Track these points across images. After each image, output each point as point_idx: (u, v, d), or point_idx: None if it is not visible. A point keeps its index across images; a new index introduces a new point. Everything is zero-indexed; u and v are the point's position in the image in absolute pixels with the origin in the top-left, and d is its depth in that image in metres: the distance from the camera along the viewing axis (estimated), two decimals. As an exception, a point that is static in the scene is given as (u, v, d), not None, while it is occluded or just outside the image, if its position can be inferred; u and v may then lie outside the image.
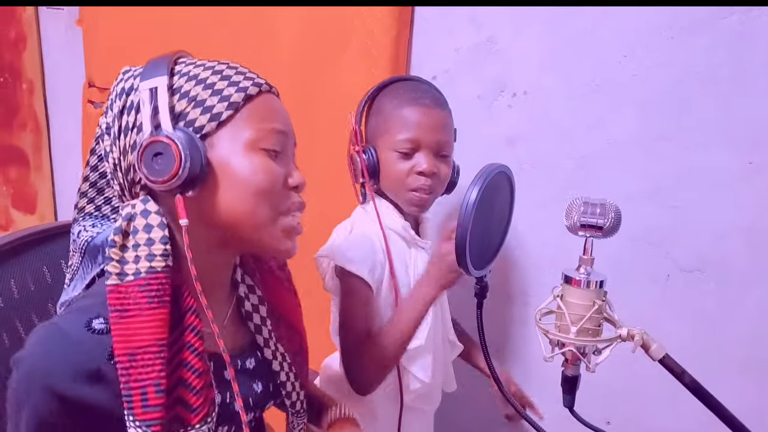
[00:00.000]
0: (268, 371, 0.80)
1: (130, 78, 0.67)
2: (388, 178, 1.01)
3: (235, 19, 1.47)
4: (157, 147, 0.61)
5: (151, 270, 0.61)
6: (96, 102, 1.80)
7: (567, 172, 1.20)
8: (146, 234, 0.62)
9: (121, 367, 0.59)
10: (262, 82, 0.69)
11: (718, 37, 1.03)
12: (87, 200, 0.74)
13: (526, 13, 1.19)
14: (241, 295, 0.78)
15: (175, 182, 0.61)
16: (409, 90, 1.03)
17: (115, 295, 0.60)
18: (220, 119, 0.64)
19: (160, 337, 0.60)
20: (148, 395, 0.59)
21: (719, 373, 1.05)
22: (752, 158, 1.04)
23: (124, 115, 0.65)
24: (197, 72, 0.67)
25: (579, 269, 0.72)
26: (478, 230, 0.88)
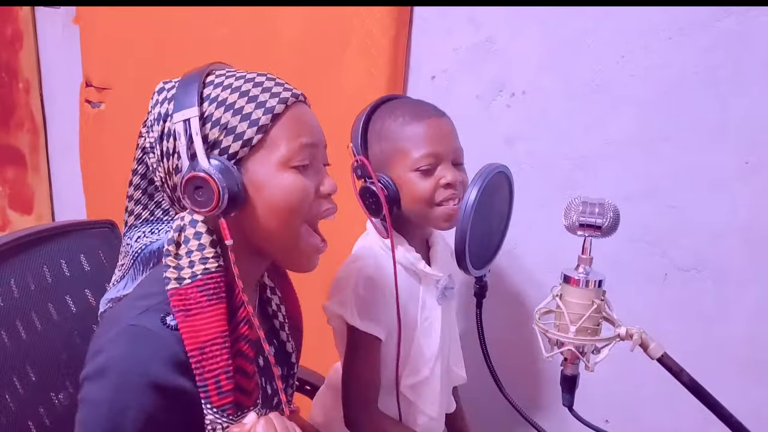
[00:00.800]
0: (284, 356, 0.88)
1: (165, 102, 0.71)
2: (413, 200, 0.95)
3: (235, 18, 1.47)
4: (196, 181, 0.66)
5: (206, 271, 0.68)
6: (93, 101, 1.80)
7: (565, 171, 1.20)
8: (197, 240, 0.69)
9: (194, 360, 0.65)
10: (288, 96, 0.72)
11: (716, 38, 1.03)
12: (141, 207, 0.79)
13: (524, 13, 1.19)
14: (267, 295, 0.86)
15: (216, 211, 0.67)
16: (406, 106, 0.98)
17: (177, 297, 0.66)
18: (251, 144, 0.69)
19: (222, 330, 0.67)
20: (222, 382, 0.66)
21: (717, 372, 1.05)
22: (749, 158, 1.05)
23: (164, 141, 0.70)
24: (225, 97, 0.69)
25: (578, 269, 0.73)
26: (478, 230, 0.89)
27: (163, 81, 0.74)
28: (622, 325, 0.71)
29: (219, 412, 0.66)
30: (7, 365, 0.84)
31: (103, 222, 1.07)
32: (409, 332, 0.99)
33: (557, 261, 1.21)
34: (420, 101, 1.02)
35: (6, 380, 0.84)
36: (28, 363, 0.87)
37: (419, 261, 0.99)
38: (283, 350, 0.88)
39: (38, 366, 0.89)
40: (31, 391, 0.87)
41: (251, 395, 0.70)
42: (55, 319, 0.93)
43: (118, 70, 1.73)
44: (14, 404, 0.84)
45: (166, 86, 0.73)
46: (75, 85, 1.85)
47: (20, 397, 0.85)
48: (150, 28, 1.62)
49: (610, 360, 0.72)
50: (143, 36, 1.64)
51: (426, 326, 1.01)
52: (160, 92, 0.72)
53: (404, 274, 0.99)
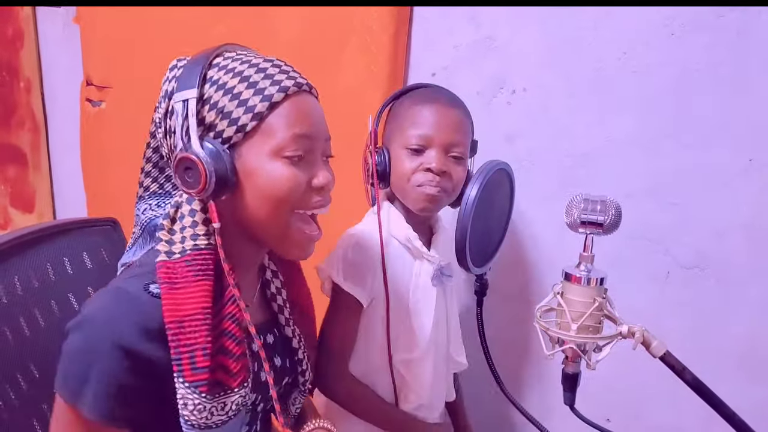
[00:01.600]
0: (286, 348, 0.86)
1: (173, 80, 0.72)
2: (396, 176, 0.98)
3: (235, 17, 1.47)
4: (186, 162, 0.67)
5: (196, 247, 0.69)
6: (94, 100, 1.80)
7: (566, 169, 1.20)
8: (191, 218, 0.70)
9: (170, 333, 0.65)
10: (289, 85, 0.71)
11: (718, 35, 1.03)
12: (151, 179, 0.81)
13: (525, 10, 1.18)
14: (267, 278, 0.86)
15: (204, 194, 0.67)
16: (427, 91, 1.02)
17: (164, 270, 0.67)
18: (245, 130, 0.69)
19: (205, 306, 0.67)
20: (196, 358, 0.66)
21: (719, 370, 1.06)
22: (752, 155, 1.04)
23: (167, 118, 0.72)
24: (226, 80, 0.70)
25: (579, 266, 0.73)
26: (478, 228, 0.89)
27: (177, 58, 0.75)
28: (624, 323, 0.71)
29: (191, 387, 0.66)
30: (10, 362, 0.84)
31: (105, 220, 1.07)
32: (401, 307, 1.00)
33: (558, 258, 1.21)
34: (442, 90, 1.04)
35: (9, 377, 0.84)
36: (31, 360, 0.88)
37: (415, 239, 1.00)
38: (282, 336, 0.87)
39: (41, 363, 0.89)
40: (34, 388, 0.87)
41: (236, 377, 0.70)
42: (57, 316, 0.93)
43: (118, 69, 1.74)
44: (18, 401, 0.84)
45: (178, 63, 0.74)
46: (76, 84, 1.85)
47: (23, 393, 0.85)
48: (149, 27, 1.62)
49: (611, 358, 0.72)
50: (143, 35, 1.64)
51: (419, 307, 1.01)
52: (171, 69, 0.73)
53: (400, 249, 1.01)
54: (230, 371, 0.69)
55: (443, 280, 1.02)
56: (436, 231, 1.07)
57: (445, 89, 1.05)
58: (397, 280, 0.99)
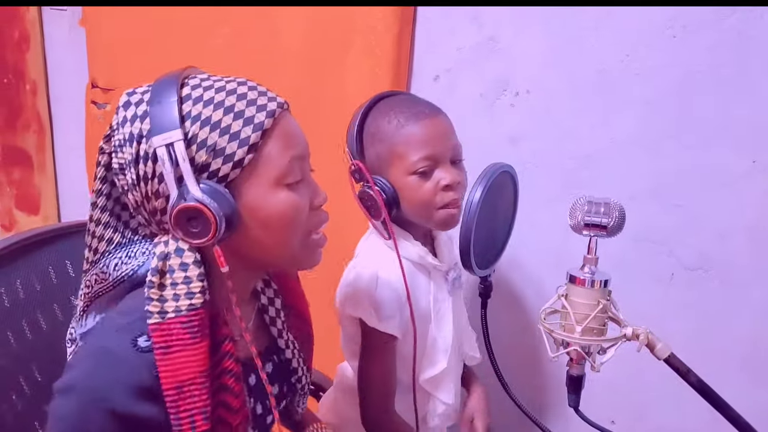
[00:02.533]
0: (285, 371, 0.84)
1: (136, 120, 0.64)
2: (413, 203, 0.94)
3: (239, 19, 1.47)
4: (189, 212, 0.61)
5: (191, 307, 0.63)
6: (99, 102, 1.81)
7: (570, 171, 1.20)
8: (183, 272, 0.64)
9: (169, 399, 0.62)
10: (274, 108, 0.67)
11: (721, 37, 1.03)
12: (112, 230, 0.72)
13: (528, 11, 1.18)
14: (263, 303, 0.82)
15: (213, 241, 0.63)
16: (400, 106, 0.96)
17: (158, 333, 0.62)
18: (243, 165, 0.64)
19: (203, 369, 0.63)
20: (197, 422, 0.63)
21: (723, 372, 1.05)
22: (756, 157, 1.04)
23: (140, 164, 0.64)
24: (209, 114, 0.64)
25: (583, 268, 0.73)
26: (482, 230, 0.89)
27: (126, 92, 0.67)
28: (629, 325, 0.71)
29: None
30: (13, 366, 0.85)
31: (108, 222, 1.08)
32: (424, 327, 0.99)
33: (562, 261, 1.21)
34: (414, 99, 1.01)
35: (12, 380, 0.84)
36: (33, 363, 0.88)
37: (427, 254, 0.99)
38: (283, 361, 0.84)
39: (43, 366, 0.89)
40: (36, 391, 0.87)
41: (236, 429, 0.68)
42: (60, 320, 0.93)
43: (123, 71, 1.74)
44: (20, 404, 0.84)
45: (132, 99, 0.66)
46: (81, 86, 1.86)
47: (26, 396, 0.86)
48: (154, 29, 1.63)
49: (614, 360, 0.71)
50: (148, 37, 1.64)
51: (439, 318, 1.01)
52: (126, 107, 0.65)
53: (413, 269, 0.98)
54: (230, 425, 0.68)
55: (456, 285, 1.02)
56: (435, 236, 1.06)
57: (416, 97, 1.01)
58: (419, 300, 0.98)
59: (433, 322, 1.00)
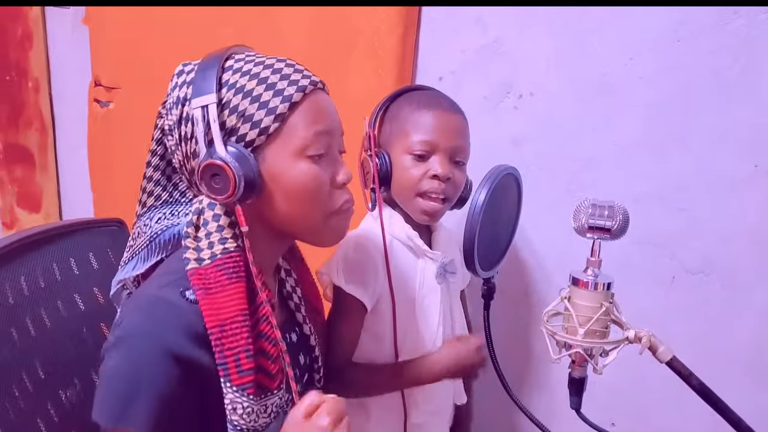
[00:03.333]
0: (307, 345, 0.88)
1: (184, 85, 0.70)
2: (400, 182, 0.97)
3: (241, 18, 1.47)
4: (213, 168, 0.66)
5: (225, 251, 0.69)
6: (102, 101, 1.81)
7: (573, 173, 1.20)
8: (216, 222, 0.70)
9: (214, 338, 0.65)
10: (306, 84, 0.71)
11: (725, 41, 1.03)
12: (161, 188, 0.80)
13: (532, 14, 1.19)
14: (281, 277, 0.86)
15: (233, 199, 0.67)
16: (426, 95, 1.01)
17: (197, 277, 0.67)
18: (268, 132, 0.69)
19: (242, 308, 0.67)
20: (241, 361, 0.66)
21: (725, 376, 1.05)
22: (758, 161, 1.04)
23: (182, 125, 0.70)
24: (243, 83, 0.69)
25: (586, 271, 0.73)
26: (486, 232, 0.89)
27: (183, 63, 0.74)
28: (631, 327, 0.71)
29: (239, 391, 0.66)
30: (16, 362, 0.85)
31: (111, 220, 1.08)
32: (408, 307, 0.99)
33: (565, 263, 1.21)
34: (440, 94, 1.04)
35: (16, 377, 0.84)
36: (37, 360, 0.88)
37: (417, 237, 1.00)
38: (302, 334, 0.87)
39: (47, 363, 0.89)
40: (39, 388, 0.87)
41: (274, 378, 0.70)
42: (64, 317, 0.93)
43: (126, 70, 1.74)
44: (23, 401, 0.84)
45: (185, 68, 0.72)
46: (84, 84, 1.86)
47: (29, 393, 0.86)
48: (157, 28, 1.63)
49: (616, 362, 0.72)
50: (151, 36, 1.65)
51: (425, 305, 1.01)
52: (179, 75, 0.72)
53: (402, 249, 1.00)
54: (269, 373, 0.70)
55: (447, 277, 1.02)
56: (435, 229, 1.07)
57: (443, 94, 1.05)
58: (402, 280, 0.99)
59: (418, 308, 1.00)
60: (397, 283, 0.96)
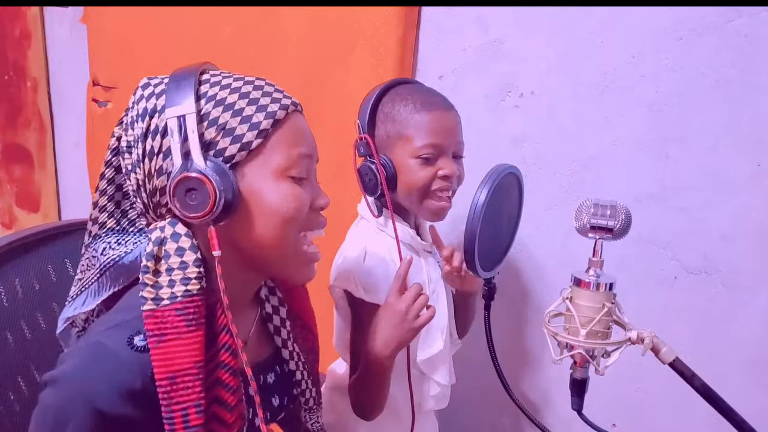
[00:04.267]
0: (287, 384, 0.83)
1: (152, 97, 0.65)
2: (408, 186, 0.97)
3: (242, 17, 1.47)
4: (190, 183, 0.61)
5: (187, 293, 0.62)
6: (100, 101, 1.80)
7: (574, 173, 1.19)
8: (179, 258, 0.63)
9: (162, 390, 0.60)
10: (288, 103, 0.69)
11: (727, 39, 1.02)
12: (107, 215, 0.73)
13: (533, 13, 1.18)
14: (267, 311, 0.81)
15: (209, 217, 0.62)
16: (418, 93, 1.00)
17: (152, 320, 0.61)
18: (250, 148, 0.65)
19: (198, 360, 0.62)
20: (190, 416, 0.61)
21: (727, 376, 1.04)
22: (761, 160, 1.03)
23: (149, 138, 0.65)
24: (224, 96, 0.65)
25: (588, 271, 0.72)
26: (487, 231, 0.88)
27: (147, 77, 0.68)
28: (633, 328, 0.70)
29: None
30: (11, 365, 0.84)
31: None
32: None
33: (565, 262, 1.21)
34: (431, 90, 1.03)
35: (11, 380, 0.84)
36: (32, 363, 0.87)
37: (416, 236, 1.03)
38: (287, 372, 0.83)
39: (42, 366, 0.88)
40: (35, 391, 0.86)
41: (231, 428, 0.66)
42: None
43: (124, 69, 1.74)
44: (18, 404, 0.83)
45: (152, 82, 0.67)
46: (82, 84, 1.85)
47: (25, 397, 0.85)
48: (156, 27, 1.62)
49: (617, 363, 0.71)
50: (149, 36, 1.64)
51: (434, 298, 1.02)
52: (145, 87, 0.67)
53: (405, 250, 1.01)
54: (225, 422, 0.65)
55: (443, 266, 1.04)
56: (419, 224, 1.09)
57: (432, 89, 1.04)
58: (412, 280, 0.98)
59: (429, 301, 1.00)
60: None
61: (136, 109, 0.66)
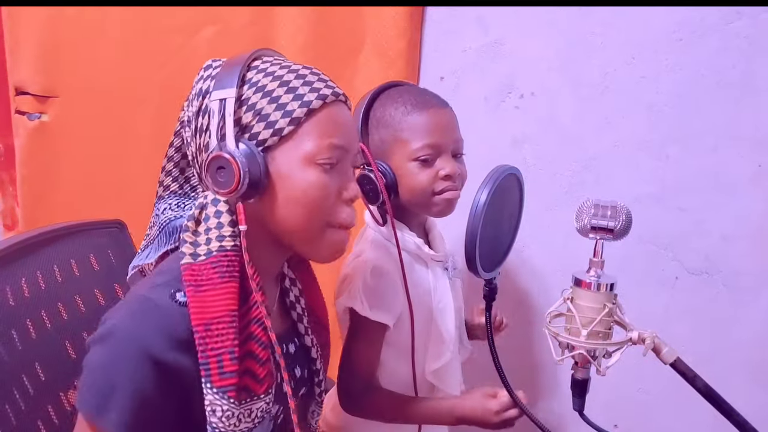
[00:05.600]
0: (305, 358, 0.86)
1: (208, 79, 0.71)
2: (412, 189, 0.95)
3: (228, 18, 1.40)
4: (220, 161, 0.66)
5: (221, 249, 0.67)
6: (30, 112, 1.56)
7: (574, 173, 1.19)
8: (216, 219, 0.69)
9: (198, 336, 0.64)
10: (327, 94, 0.71)
11: (727, 40, 1.03)
12: (171, 179, 0.80)
13: (533, 14, 1.18)
14: (286, 286, 0.84)
15: (235, 195, 0.67)
16: (409, 94, 0.98)
17: (189, 272, 0.66)
18: (281, 134, 0.68)
19: (231, 309, 0.66)
20: (224, 362, 0.64)
21: (728, 377, 1.05)
22: (761, 161, 1.04)
23: (200, 117, 0.70)
24: (266, 83, 0.69)
25: (589, 272, 0.72)
26: (488, 232, 0.88)
27: (212, 59, 0.74)
28: (635, 329, 0.71)
29: (219, 393, 0.64)
30: (17, 364, 0.84)
31: (111, 222, 1.08)
32: (426, 319, 0.99)
33: (566, 263, 1.20)
34: (422, 90, 1.02)
35: (16, 379, 0.84)
36: (37, 362, 0.88)
37: (424, 245, 1.00)
38: (302, 346, 0.86)
39: (47, 365, 0.89)
40: (40, 391, 0.87)
41: (262, 383, 0.69)
42: (64, 318, 0.93)
43: (67, 75, 1.53)
44: (24, 403, 0.84)
45: (213, 64, 0.73)
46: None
47: (29, 395, 0.85)
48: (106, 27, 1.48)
49: (618, 363, 0.71)
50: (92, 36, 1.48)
51: (441, 309, 1.01)
52: (206, 69, 0.73)
53: (411, 260, 0.99)
54: (257, 376, 0.68)
55: (455, 274, 1.03)
56: (430, 230, 1.07)
57: (423, 89, 1.03)
58: (418, 291, 0.98)
59: (436, 312, 1.00)
60: (415, 294, 0.95)
61: (196, 88, 0.72)
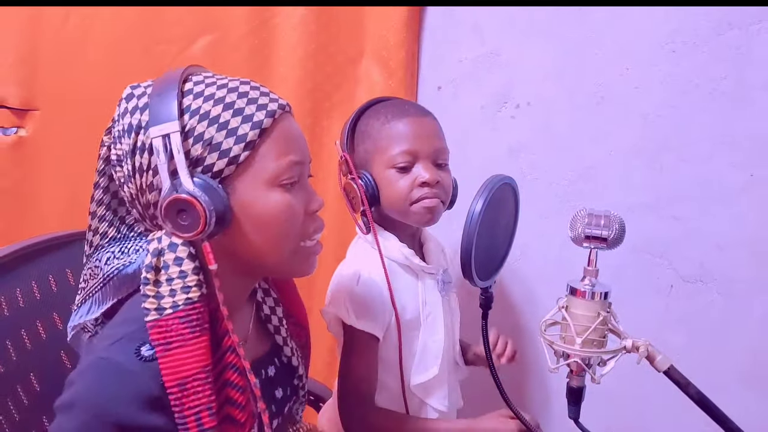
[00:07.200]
0: (287, 373, 0.84)
1: (136, 111, 0.64)
2: (390, 198, 0.97)
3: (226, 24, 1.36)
4: (180, 204, 0.61)
5: (189, 301, 0.63)
6: (5, 126, 1.49)
7: (569, 183, 1.20)
8: (177, 267, 0.64)
9: (173, 397, 0.61)
10: (275, 108, 0.67)
11: (720, 51, 1.04)
12: (107, 224, 0.73)
13: (529, 24, 1.19)
14: (259, 299, 0.81)
15: (202, 236, 0.62)
16: (392, 106, 1.00)
17: (157, 330, 0.62)
18: (238, 161, 0.64)
19: (205, 364, 0.62)
20: (203, 419, 0.62)
21: (722, 385, 1.05)
22: (753, 170, 1.05)
23: (137, 155, 0.64)
24: (208, 109, 0.64)
25: (584, 280, 0.73)
26: (483, 241, 0.89)
27: (131, 86, 0.67)
28: (629, 337, 0.71)
29: None
30: (11, 374, 0.84)
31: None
32: (413, 330, 0.99)
33: (561, 272, 1.21)
34: (407, 102, 1.03)
35: (10, 389, 0.84)
36: (32, 373, 0.88)
37: (413, 256, 1.00)
38: (288, 366, 0.84)
39: (42, 376, 0.89)
40: (34, 401, 0.87)
41: (244, 426, 0.67)
42: (59, 329, 0.93)
43: (48, 87, 1.47)
44: (18, 414, 0.84)
45: (135, 92, 0.66)
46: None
47: (24, 406, 0.85)
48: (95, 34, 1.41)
49: (613, 371, 0.71)
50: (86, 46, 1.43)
51: (430, 322, 1.01)
52: (129, 99, 0.66)
53: (399, 270, 1.00)
54: (237, 421, 0.66)
55: (447, 288, 1.02)
56: (425, 241, 1.07)
57: (407, 100, 1.04)
58: (406, 303, 0.98)
59: (423, 325, 1.00)
60: (402, 305, 0.96)
61: (122, 123, 0.65)
